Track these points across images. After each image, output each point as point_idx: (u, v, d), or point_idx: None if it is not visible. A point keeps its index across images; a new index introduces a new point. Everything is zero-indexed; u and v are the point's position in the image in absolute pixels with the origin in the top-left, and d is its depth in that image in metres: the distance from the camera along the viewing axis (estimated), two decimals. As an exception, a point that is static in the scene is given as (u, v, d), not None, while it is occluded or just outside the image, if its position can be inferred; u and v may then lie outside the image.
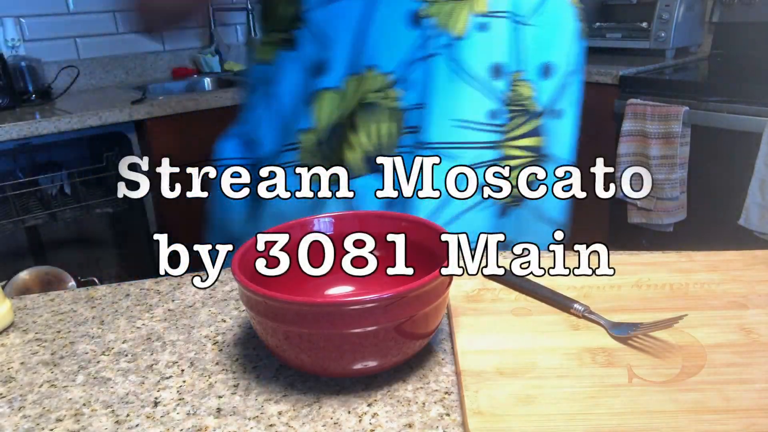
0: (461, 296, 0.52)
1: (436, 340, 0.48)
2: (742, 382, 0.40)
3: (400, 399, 0.42)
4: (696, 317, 0.47)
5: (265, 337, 0.43)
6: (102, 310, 0.57)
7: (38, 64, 2.05)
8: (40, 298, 0.60)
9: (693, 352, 0.43)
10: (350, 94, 0.63)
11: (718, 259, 0.56)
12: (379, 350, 0.41)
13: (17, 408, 0.43)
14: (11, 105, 1.88)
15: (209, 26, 2.47)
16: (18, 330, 0.54)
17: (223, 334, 0.51)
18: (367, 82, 0.62)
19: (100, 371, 0.47)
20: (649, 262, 0.57)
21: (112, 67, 2.33)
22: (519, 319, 0.48)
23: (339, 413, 0.41)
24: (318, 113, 0.64)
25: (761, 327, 0.46)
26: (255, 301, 0.41)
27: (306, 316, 0.40)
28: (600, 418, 0.37)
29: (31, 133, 1.69)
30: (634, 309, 0.49)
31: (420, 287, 0.40)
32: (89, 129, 1.78)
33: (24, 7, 2.13)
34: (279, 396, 0.43)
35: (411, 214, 0.53)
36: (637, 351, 0.43)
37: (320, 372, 0.43)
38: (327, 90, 0.64)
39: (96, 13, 2.26)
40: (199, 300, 0.58)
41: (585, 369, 0.42)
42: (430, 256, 0.48)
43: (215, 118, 1.97)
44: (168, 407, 0.42)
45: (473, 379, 0.41)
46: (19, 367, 0.48)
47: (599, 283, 0.53)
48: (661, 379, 0.40)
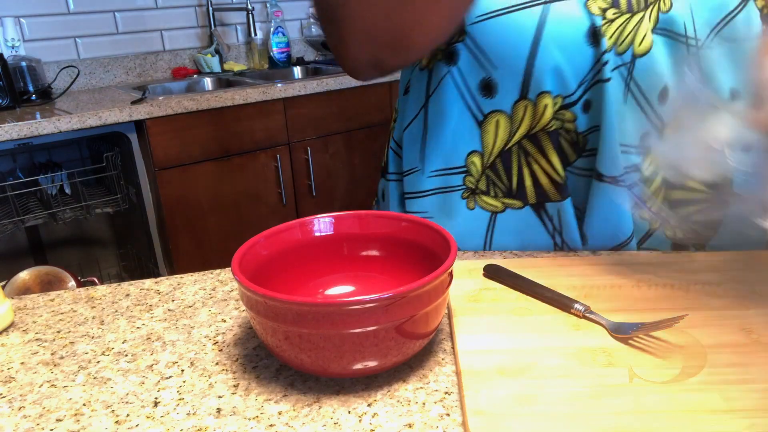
0: (461, 296, 0.52)
1: (436, 340, 0.48)
2: (743, 382, 0.40)
3: (400, 399, 0.42)
4: (696, 317, 0.47)
5: (265, 337, 0.43)
6: (102, 310, 0.57)
7: (38, 64, 2.05)
8: (40, 298, 0.60)
9: (693, 353, 0.43)
10: (519, 120, 0.60)
11: (718, 259, 0.56)
12: (379, 350, 0.41)
13: (17, 408, 0.43)
14: (11, 105, 1.88)
15: (209, 26, 2.47)
16: (18, 330, 0.54)
17: (223, 334, 0.51)
18: (540, 107, 0.59)
19: (100, 371, 0.47)
20: (649, 262, 0.57)
21: (112, 67, 2.33)
22: (519, 319, 0.48)
23: (339, 413, 0.41)
24: (485, 137, 0.61)
25: (761, 327, 0.46)
26: (255, 301, 0.41)
27: (306, 316, 0.40)
28: (600, 418, 0.37)
29: (31, 133, 1.69)
30: (634, 309, 0.49)
31: (420, 287, 0.40)
32: (89, 129, 1.78)
33: (24, 7, 2.13)
34: (279, 396, 0.43)
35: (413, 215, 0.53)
36: (638, 351, 0.43)
37: (320, 372, 0.43)
38: (496, 112, 0.60)
39: (96, 13, 2.27)
40: (199, 300, 0.58)
41: (585, 369, 0.42)
42: (430, 256, 0.48)
43: (215, 118, 1.97)
44: (168, 407, 0.42)
45: (473, 379, 0.41)
46: (19, 367, 0.48)
47: (599, 283, 0.53)
48: (662, 379, 0.40)
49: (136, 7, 2.34)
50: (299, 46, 2.74)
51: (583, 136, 0.60)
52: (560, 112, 0.59)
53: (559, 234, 0.63)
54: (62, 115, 1.74)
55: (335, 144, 2.24)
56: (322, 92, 2.14)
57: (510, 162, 0.62)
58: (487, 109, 0.61)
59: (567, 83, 0.58)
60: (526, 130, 0.60)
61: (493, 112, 0.61)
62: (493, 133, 0.61)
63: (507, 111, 0.60)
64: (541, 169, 0.61)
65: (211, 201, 2.03)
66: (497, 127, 0.61)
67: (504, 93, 0.60)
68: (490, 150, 0.62)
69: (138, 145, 1.89)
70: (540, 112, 0.59)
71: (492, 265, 0.56)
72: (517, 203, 0.63)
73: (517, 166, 0.61)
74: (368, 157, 2.33)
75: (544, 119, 0.59)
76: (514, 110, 0.60)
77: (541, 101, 0.59)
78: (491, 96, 0.60)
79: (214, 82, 2.41)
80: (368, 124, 2.30)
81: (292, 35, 2.67)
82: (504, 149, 0.61)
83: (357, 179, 2.34)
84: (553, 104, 0.59)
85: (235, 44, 2.59)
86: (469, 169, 0.63)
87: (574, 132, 0.60)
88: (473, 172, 0.63)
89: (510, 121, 0.60)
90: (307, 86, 2.10)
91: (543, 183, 0.62)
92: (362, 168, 2.33)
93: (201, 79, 2.40)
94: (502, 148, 0.61)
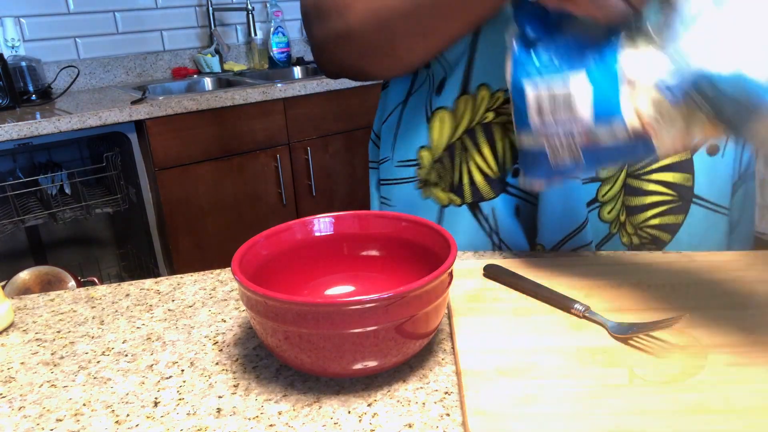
0: (461, 296, 0.52)
1: (436, 340, 0.48)
2: (743, 382, 0.40)
3: (400, 399, 0.42)
4: (696, 317, 0.47)
5: (265, 337, 0.43)
6: (102, 310, 0.57)
7: (38, 64, 2.06)
8: (40, 298, 0.60)
9: (693, 352, 0.43)
10: (461, 114, 0.62)
11: (718, 259, 0.56)
12: (379, 350, 0.41)
13: (17, 408, 0.43)
14: (11, 105, 1.88)
15: (209, 26, 2.47)
16: (18, 330, 0.54)
17: (223, 334, 0.51)
18: (478, 101, 0.61)
19: (100, 371, 0.47)
20: (649, 262, 0.57)
21: (112, 67, 2.33)
22: (519, 319, 0.48)
23: (339, 413, 0.41)
24: (432, 132, 0.64)
25: (761, 327, 0.46)
26: (255, 301, 0.41)
27: (306, 316, 0.40)
28: (600, 418, 0.37)
29: (31, 133, 1.69)
30: (634, 309, 0.49)
31: (420, 287, 0.40)
32: (89, 129, 1.78)
33: (24, 7, 2.13)
34: (279, 396, 0.43)
35: (412, 215, 0.53)
36: (638, 351, 0.43)
37: (320, 372, 0.43)
38: (441, 109, 0.63)
39: (96, 13, 2.27)
40: (199, 300, 0.58)
41: (585, 369, 0.42)
42: (430, 256, 0.48)
43: (215, 118, 1.97)
44: (168, 407, 0.42)
45: (473, 379, 0.41)
46: (19, 367, 0.48)
47: (599, 283, 0.53)
48: (662, 379, 0.40)
49: (136, 7, 2.34)
50: (299, 46, 2.74)
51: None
52: (504, 107, 0.60)
53: (496, 234, 0.64)
54: (62, 115, 1.74)
55: (335, 144, 2.24)
56: (322, 92, 2.14)
57: (454, 157, 0.64)
58: (435, 106, 0.64)
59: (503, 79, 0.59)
60: (467, 124, 0.62)
61: (438, 109, 0.63)
62: (439, 129, 0.64)
63: (450, 107, 0.63)
64: (475, 166, 0.62)
65: (211, 201, 2.03)
66: (442, 123, 0.63)
67: (449, 89, 0.62)
68: (436, 145, 0.64)
69: (138, 145, 1.89)
70: (478, 104, 0.61)
71: (492, 265, 0.56)
72: (457, 200, 0.65)
73: (458, 162, 0.63)
74: (368, 157, 2.33)
75: (480, 112, 0.61)
76: (456, 105, 0.62)
77: (479, 95, 0.61)
78: (440, 93, 0.63)
79: (214, 82, 2.41)
80: (368, 124, 2.30)
81: (292, 35, 2.67)
82: (449, 144, 0.64)
83: (357, 179, 2.34)
84: (493, 98, 0.60)
85: (235, 44, 2.59)
86: (420, 162, 0.66)
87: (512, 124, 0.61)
88: (424, 165, 0.66)
89: (453, 117, 0.62)
90: (307, 86, 2.10)
91: (477, 180, 0.63)
92: (362, 168, 2.33)
93: (201, 79, 2.40)
94: (447, 143, 0.64)
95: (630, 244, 0.62)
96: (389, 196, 0.70)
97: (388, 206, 0.71)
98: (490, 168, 0.62)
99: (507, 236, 0.64)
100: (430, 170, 0.65)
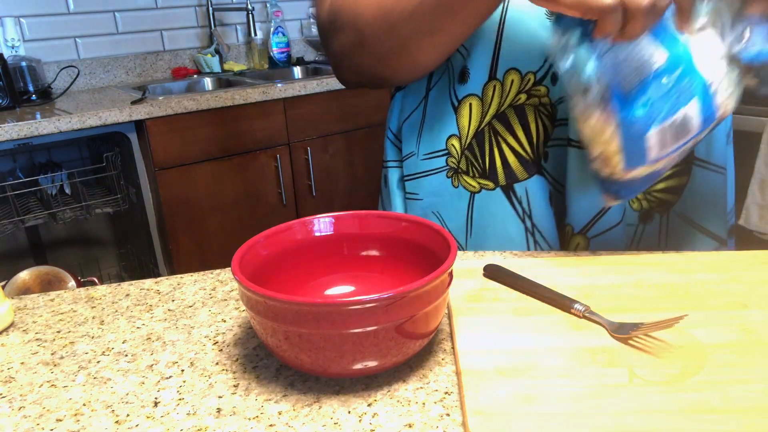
0: (461, 296, 0.52)
1: (436, 340, 0.48)
2: (743, 382, 0.40)
3: (400, 399, 0.42)
4: (696, 317, 0.47)
5: (265, 337, 0.43)
6: (102, 310, 0.57)
7: (38, 64, 2.06)
8: (40, 298, 0.60)
9: (693, 352, 0.43)
10: (489, 100, 0.64)
11: (718, 259, 0.56)
12: (379, 350, 0.41)
13: (17, 408, 0.43)
14: (11, 105, 1.88)
15: (209, 26, 2.47)
16: (18, 330, 0.54)
17: (223, 334, 0.51)
18: (507, 85, 0.63)
19: (100, 371, 0.47)
20: (649, 262, 0.57)
21: (112, 67, 2.33)
22: (519, 319, 0.48)
23: (339, 413, 0.41)
24: (461, 120, 0.66)
25: (761, 327, 0.46)
26: (255, 301, 0.41)
27: (306, 316, 0.40)
28: (600, 418, 0.37)
29: (31, 133, 1.69)
30: (634, 309, 0.49)
31: (420, 287, 0.40)
32: (89, 129, 1.78)
33: (24, 7, 2.13)
34: (279, 396, 0.43)
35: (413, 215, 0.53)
36: (638, 351, 0.43)
37: (320, 372, 0.43)
38: (468, 97, 0.65)
39: (96, 13, 2.27)
40: (199, 300, 0.58)
41: (585, 369, 0.42)
42: (430, 256, 0.48)
43: (215, 118, 1.97)
44: (168, 407, 0.42)
45: (473, 379, 0.41)
46: (19, 367, 0.48)
47: (599, 283, 0.53)
48: (662, 379, 0.40)
49: (136, 7, 2.34)
50: (299, 46, 2.74)
51: (554, 106, 0.63)
52: (534, 89, 0.62)
53: (529, 218, 0.65)
54: (62, 115, 1.74)
55: (335, 144, 2.24)
56: (322, 92, 2.14)
57: (483, 143, 0.65)
58: (461, 95, 0.65)
59: (534, 59, 0.61)
60: (496, 109, 0.64)
61: (466, 97, 0.65)
62: (467, 116, 0.66)
63: (478, 93, 0.64)
64: (509, 148, 0.64)
65: (211, 201, 2.03)
66: (470, 110, 0.65)
67: (475, 77, 0.64)
68: (466, 132, 0.66)
69: (138, 145, 1.89)
70: (507, 89, 0.63)
71: (492, 265, 0.56)
72: (490, 184, 0.66)
73: (488, 146, 0.65)
74: (368, 157, 2.33)
75: (511, 95, 0.63)
76: (484, 92, 0.64)
77: (507, 79, 0.63)
78: (465, 82, 0.65)
79: (214, 82, 2.41)
80: (368, 124, 2.30)
81: (292, 35, 2.67)
82: (478, 130, 0.65)
83: (357, 179, 2.34)
84: (524, 81, 0.62)
85: (235, 44, 2.59)
86: (450, 151, 0.68)
87: (549, 105, 0.62)
88: (454, 153, 0.67)
89: (481, 103, 0.64)
90: (307, 86, 2.10)
91: (511, 162, 0.64)
92: (362, 168, 2.33)
93: (201, 79, 2.40)
94: (476, 129, 0.65)
95: (641, 209, 0.66)
96: (416, 190, 0.71)
97: (415, 201, 0.72)
98: (524, 149, 0.64)
99: (539, 220, 0.65)
100: (460, 158, 0.67)
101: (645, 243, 0.67)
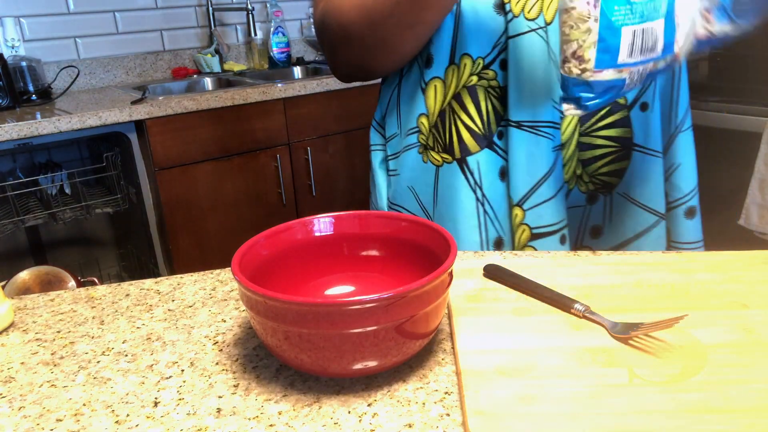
0: (461, 296, 0.52)
1: (436, 340, 0.48)
2: (743, 382, 0.40)
3: (400, 399, 0.42)
4: (696, 317, 0.47)
5: (265, 337, 0.43)
6: (102, 310, 0.57)
7: (38, 64, 2.05)
8: (40, 298, 0.60)
9: (693, 352, 0.43)
10: (450, 82, 0.71)
11: (718, 259, 0.56)
12: (379, 350, 0.41)
13: (17, 408, 0.43)
14: (11, 105, 1.88)
15: (209, 26, 2.47)
16: (18, 330, 0.54)
17: (223, 334, 0.51)
18: (462, 68, 0.70)
19: (100, 371, 0.47)
20: (650, 262, 0.57)
21: (112, 67, 2.33)
22: (519, 319, 0.48)
23: (339, 413, 0.41)
24: (428, 101, 0.74)
25: (761, 327, 0.46)
26: (255, 301, 0.41)
27: (306, 316, 0.40)
28: (600, 418, 0.37)
29: (31, 133, 1.69)
30: (634, 309, 0.49)
31: (420, 287, 0.40)
32: (89, 129, 1.78)
33: (24, 7, 2.13)
34: (279, 396, 0.43)
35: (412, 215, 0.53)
36: (638, 351, 0.43)
37: (320, 372, 0.43)
38: (433, 79, 0.72)
39: (96, 13, 2.27)
40: (199, 300, 0.58)
41: (585, 369, 0.42)
42: (430, 256, 0.48)
43: (215, 118, 1.97)
44: (168, 407, 0.42)
45: (473, 379, 0.41)
46: (19, 367, 0.48)
47: (599, 283, 0.53)
48: (662, 379, 0.40)
49: (136, 7, 2.34)
50: (299, 46, 2.74)
51: (503, 89, 0.70)
52: (484, 72, 0.69)
53: (480, 188, 0.71)
54: (62, 115, 1.74)
55: (335, 144, 2.24)
56: (322, 92, 2.14)
57: (445, 120, 0.73)
58: (427, 78, 0.73)
59: (484, 46, 0.69)
60: (454, 90, 0.71)
61: (431, 79, 0.73)
62: (433, 97, 0.73)
63: (441, 76, 0.72)
64: (462, 125, 0.71)
65: (211, 201, 2.03)
66: (435, 91, 0.73)
67: (438, 62, 0.72)
68: (432, 111, 0.74)
69: (138, 145, 1.89)
70: (461, 72, 0.71)
71: (492, 265, 0.56)
72: (449, 158, 0.73)
73: (449, 123, 0.72)
74: (368, 156, 2.33)
75: (464, 77, 0.70)
76: (446, 74, 0.72)
77: (462, 62, 0.70)
78: (430, 66, 0.72)
79: (214, 82, 2.41)
80: (368, 124, 2.29)
81: (292, 35, 2.67)
82: (441, 109, 0.73)
83: (357, 179, 2.34)
84: (475, 64, 0.70)
85: (235, 44, 2.59)
86: (420, 129, 0.75)
87: (498, 88, 0.70)
88: (423, 131, 0.75)
89: (444, 85, 0.72)
90: (307, 86, 2.10)
91: (465, 137, 0.71)
92: (362, 168, 2.33)
93: (201, 79, 2.40)
94: (440, 108, 0.73)
95: (587, 191, 0.74)
96: (396, 167, 0.79)
97: (395, 176, 0.79)
98: (476, 125, 0.71)
99: (489, 191, 0.71)
100: (428, 135, 0.75)
101: (593, 221, 0.75)
